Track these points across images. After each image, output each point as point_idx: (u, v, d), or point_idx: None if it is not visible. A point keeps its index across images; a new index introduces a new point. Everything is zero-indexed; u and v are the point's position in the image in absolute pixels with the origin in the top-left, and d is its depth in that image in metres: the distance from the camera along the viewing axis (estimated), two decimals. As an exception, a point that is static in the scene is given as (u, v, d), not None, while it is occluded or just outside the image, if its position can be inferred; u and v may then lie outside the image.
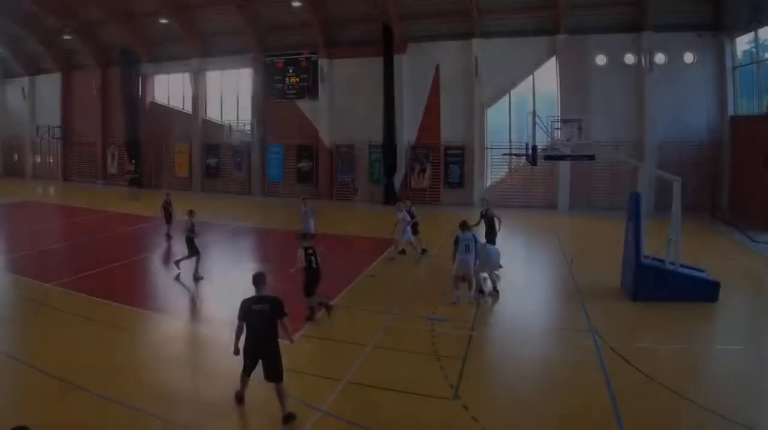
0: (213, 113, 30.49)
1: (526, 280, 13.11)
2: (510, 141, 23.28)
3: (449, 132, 24.09)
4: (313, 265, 9.87)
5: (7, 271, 13.82)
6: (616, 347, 8.63)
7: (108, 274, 13.52)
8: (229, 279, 13.20)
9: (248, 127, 28.11)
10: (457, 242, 11.11)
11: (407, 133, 24.73)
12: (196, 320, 10.74)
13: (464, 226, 11.24)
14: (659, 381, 7.43)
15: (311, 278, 9.87)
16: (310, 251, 9.90)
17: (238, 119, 28.99)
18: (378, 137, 24.82)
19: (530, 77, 23.11)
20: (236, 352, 6.65)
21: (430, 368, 8.04)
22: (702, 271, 11.26)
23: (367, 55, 25.32)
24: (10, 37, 35.56)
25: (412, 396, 7.21)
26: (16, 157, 38.41)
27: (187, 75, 30.68)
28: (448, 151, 24.13)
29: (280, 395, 6.47)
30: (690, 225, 16.96)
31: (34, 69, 37.11)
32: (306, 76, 27.18)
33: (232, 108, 29.94)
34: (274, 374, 6.50)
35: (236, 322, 6.60)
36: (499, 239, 13.85)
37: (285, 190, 27.65)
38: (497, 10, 22.77)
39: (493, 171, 23.99)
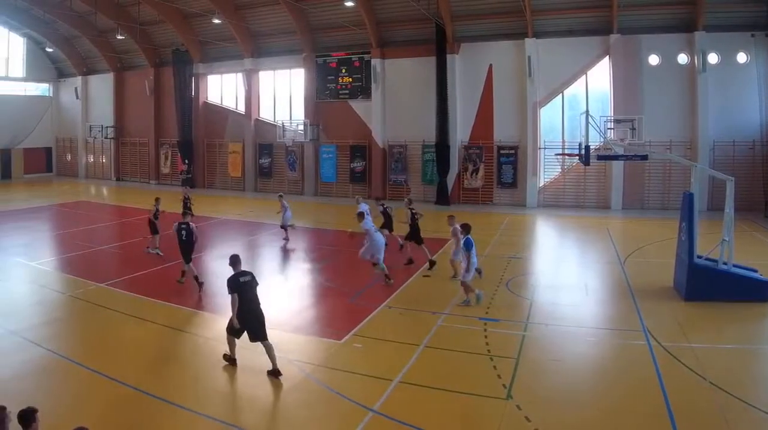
0: (266, 113, 34.63)
1: (578, 280, 14.71)
2: (563, 141, 26.34)
3: (502, 132, 27.27)
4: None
5: (60, 271, 16.04)
6: (669, 346, 9.68)
7: (160, 274, 15.50)
8: (281, 279, 15.45)
9: (301, 127, 31.94)
10: (470, 244, 12.03)
11: (460, 132, 28.04)
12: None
13: (468, 228, 12.38)
14: (712, 381, 8.25)
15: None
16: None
17: (290, 119, 32.81)
18: (431, 137, 28.21)
19: (583, 77, 25.92)
20: (238, 322, 8.54)
21: (483, 367, 9.03)
22: (755, 271, 12.24)
23: (420, 55, 28.78)
24: (64, 37, 40.89)
25: (464, 396, 8.08)
26: (69, 157, 43.49)
27: (239, 75, 34.70)
28: (501, 151, 27.36)
29: (270, 351, 8.57)
30: (743, 225, 20.07)
31: (87, 69, 42.27)
32: (359, 75, 30.77)
33: (284, 108, 33.97)
34: (263, 334, 8.56)
35: (230, 297, 8.57)
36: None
37: (338, 190, 31.41)
38: (550, 10, 25.78)
39: (546, 171, 26.94)
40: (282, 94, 34.40)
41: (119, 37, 35.33)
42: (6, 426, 5.72)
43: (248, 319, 8.62)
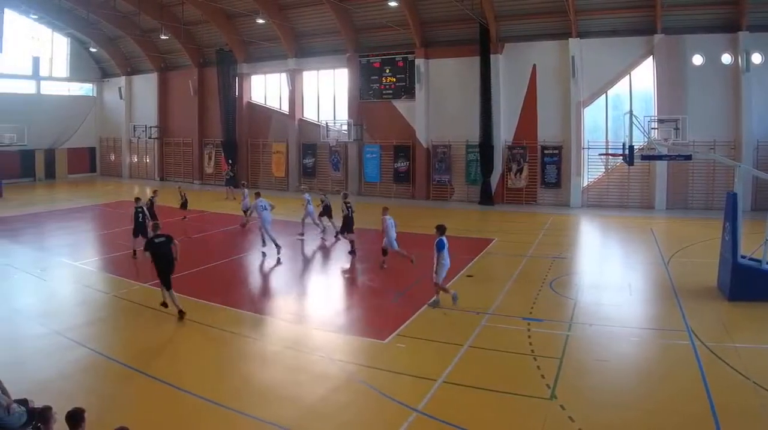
0: (309, 113, 38.13)
1: (622, 280, 16.14)
2: (606, 141, 28.98)
3: (546, 132, 30.03)
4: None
5: (103, 271, 17.76)
6: (713, 346, 10.52)
7: (204, 274, 17.12)
8: (324, 279, 17.65)
9: (345, 127, 35.21)
10: (442, 245, 13.44)
11: (504, 132, 30.94)
12: (293, 321, 13.34)
13: (443, 229, 13.71)
14: (756, 381, 8.91)
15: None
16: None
17: (334, 119, 36.20)
18: (475, 137, 31.16)
19: (627, 77, 28.46)
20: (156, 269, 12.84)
21: (526, 367, 10.00)
22: (799, 271, 13.34)
23: (463, 55, 31.84)
24: (107, 37, 45.50)
25: (508, 396, 8.90)
26: (112, 157, 47.80)
27: (283, 75, 38.25)
28: (545, 151, 30.11)
29: (173, 297, 12.60)
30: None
31: (131, 69, 46.63)
32: (403, 75, 33.94)
33: (328, 108, 37.39)
34: (169, 283, 12.65)
35: (147, 254, 12.92)
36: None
37: (382, 190, 34.58)
38: (594, 10, 28.41)
39: (590, 171, 29.52)
40: (326, 94, 37.87)
41: (163, 37, 39.32)
42: (50, 426, 6.60)
43: (160, 269, 12.71)
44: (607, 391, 9.22)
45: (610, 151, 28.11)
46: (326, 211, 22.47)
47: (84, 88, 49.84)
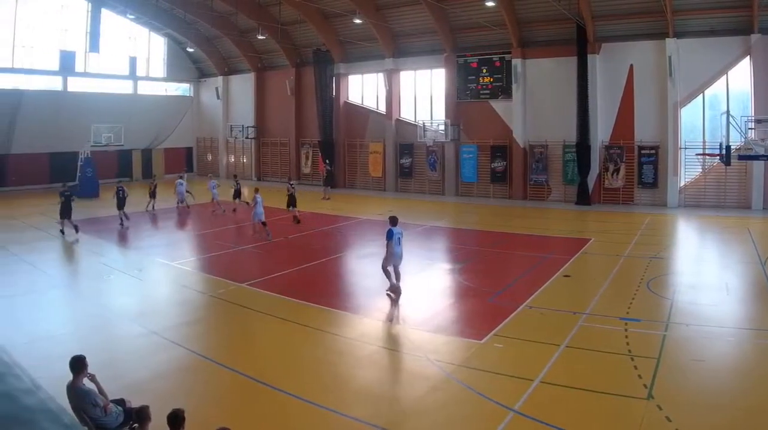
0: (406, 113, 45.70)
1: (719, 280, 18.47)
2: (703, 141, 34.64)
3: (643, 132, 35.91)
4: None
5: (200, 271, 20.57)
6: None
7: (301, 274, 19.90)
8: (421, 279, 19.73)
9: (442, 127, 42.26)
10: (391, 235, 17.03)
11: (601, 132, 37.08)
12: (388, 320, 15.41)
13: (394, 221, 17.54)
14: None
15: None
16: None
17: (431, 119, 43.54)
18: (572, 137, 37.46)
19: (723, 77, 33.77)
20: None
21: (623, 367, 11.50)
22: None
23: (560, 55, 38.27)
24: (205, 37, 55.05)
25: (605, 396, 10.32)
26: (209, 157, 56.67)
27: (380, 75, 45.84)
28: (642, 151, 35.92)
29: (76, 227, 25.26)
30: None
31: (228, 69, 55.74)
32: (500, 75, 40.70)
33: (425, 108, 44.61)
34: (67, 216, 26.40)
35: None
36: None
37: (479, 190, 41.45)
38: (691, 10, 34.07)
39: (687, 171, 35.06)
40: (422, 94, 45.32)
41: (260, 37, 47.58)
42: (146, 426, 7.97)
43: (63, 211, 26.05)
44: (704, 391, 10.67)
45: (706, 152, 33.59)
46: (237, 194, 35.44)
47: (181, 88, 60.07)
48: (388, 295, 17.20)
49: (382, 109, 46.66)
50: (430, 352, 12.66)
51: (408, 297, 17.49)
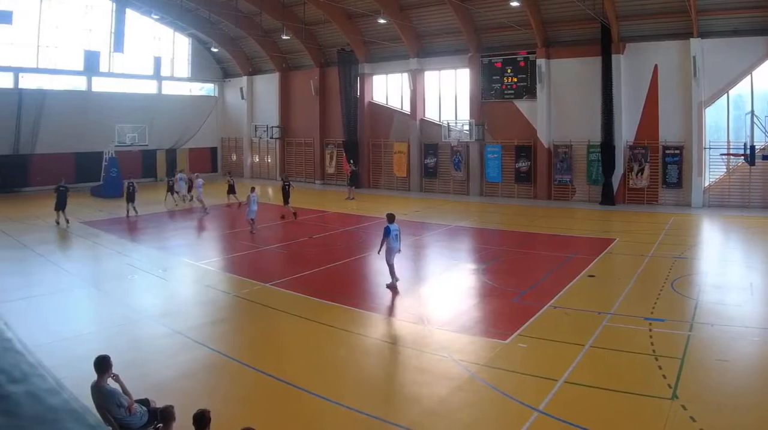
0: (431, 113, 46.81)
1: (743, 280, 19.04)
2: (728, 141, 35.64)
3: (667, 132, 36.98)
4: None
5: (225, 271, 21.44)
6: None
7: (325, 274, 20.73)
8: (445, 279, 20.84)
9: (466, 127, 43.40)
10: (388, 232, 18.34)
11: (625, 132, 38.16)
12: (412, 320, 15.75)
13: (391, 218, 18.75)
14: None
15: None
16: None
17: (456, 119, 44.81)
18: (596, 137, 38.64)
19: (748, 77, 34.72)
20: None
21: (648, 367, 11.86)
22: None
23: (585, 55, 39.43)
24: (229, 37, 56.85)
25: (629, 396, 10.67)
26: (233, 157, 58.32)
27: (404, 75, 47.05)
28: (666, 151, 36.87)
29: (67, 220, 29.62)
30: None
31: (252, 69, 57.42)
32: (524, 75, 41.88)
33: (449, 108, 46.04)
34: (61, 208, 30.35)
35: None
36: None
37: (503, 190, 42.71)
38: (715, 10, 35.07)
39: (711, 171, 36.02)
40: (447, 94, 46.73)
41: (284, 37, 49.08)
42: (171, 426, 8.20)
43: (58, 204, 30.12)
44: (728, 391, 10.89)
45: (731, 152, 34.53)
46: (231, 190, 38.50)
47: (205, 89, 61.77)
48: (388, 287, 18.43)
49: (407, 109, 48.00)
50: (455, 352, 13.10)
51: (432, 297, 18.43)
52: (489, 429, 10.14)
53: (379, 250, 18.71)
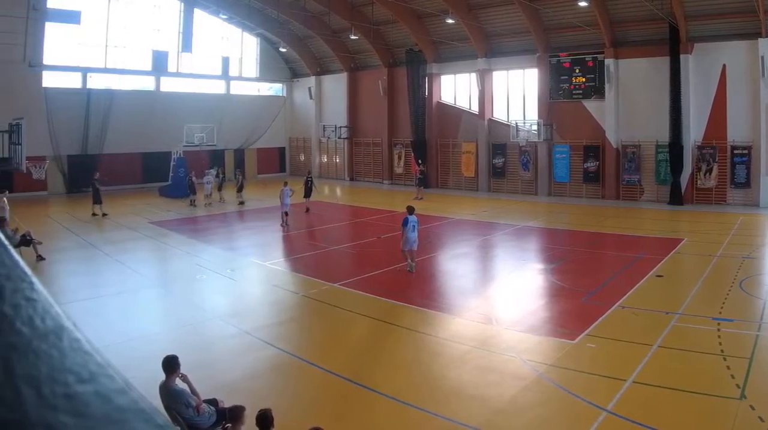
0: (499, 113, 50.36)
1: None
2: (796, 141, 37.62)
3: (735, 131, 39.71)
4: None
5: (292, 271, 22.54)
6: None
7: (393, 274, 21.78)
8: (514, 279, 21.99)
9: (534, 127, 46.62)
10: (406, 222, 20.73)
11: (693, 132, 40.97)
12: (480, 320, 16.55)
13: (411, 210, 21.25)
14: None
15: None
16: None
17: (524, 119, 48.14)
18: (664, 137, 41.57)
19: (817, 77, 37.15)
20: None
21: (716, 367, 12.51)
22: None
23: (652, 55, 42.42)
24: (297, 37, 61.33)
25: (697, 396, 11.22)
26: (302, 157, 62.66)
27: (472, 75, 50.57)
28: (735, 151, 39.53)
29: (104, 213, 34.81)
30: None
31: (320, 69, 61.73)
32: (592, 75, 45.03)
33: (518, 108, 49.36)
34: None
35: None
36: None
37: (571, 190, 45.97)
38: (784, 10, 37.19)
39: (780, 171, 38.46)
40: (515, 94, 50.11)
41: (353, 37, 52.87)
42: (239, 426, 8.73)
43: (95, 197, 35.72)
44: None
45: (799, 152, 36.86)
46: (239, 188, 42.91)
47: (273, 88, 66.45)
48: (406, 270, 21.32)
49: (475, 109, 51.38)
50: (523, 352, 13.76)
51: (501, 297, 19.72)
52: (558, 429, 10.79)
53: (402, 240, 21.37)
